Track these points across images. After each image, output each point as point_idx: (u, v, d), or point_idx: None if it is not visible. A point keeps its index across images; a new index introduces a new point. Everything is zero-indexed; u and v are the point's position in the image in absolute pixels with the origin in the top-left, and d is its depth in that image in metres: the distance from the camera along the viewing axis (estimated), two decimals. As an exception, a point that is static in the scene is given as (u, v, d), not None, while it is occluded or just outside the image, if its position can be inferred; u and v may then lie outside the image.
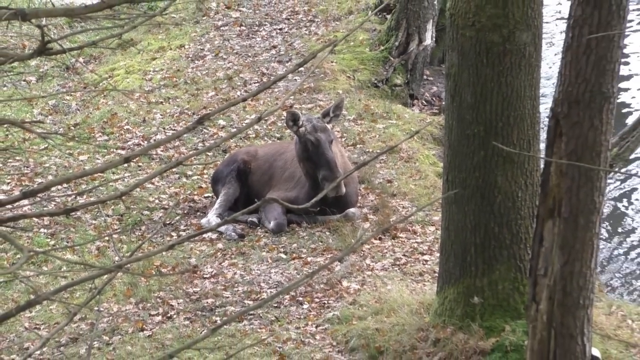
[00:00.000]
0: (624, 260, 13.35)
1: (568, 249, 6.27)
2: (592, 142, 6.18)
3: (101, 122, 14.61)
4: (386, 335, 9.65)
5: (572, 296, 6.31)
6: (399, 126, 14.34)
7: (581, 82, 6.13)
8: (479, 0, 9.09)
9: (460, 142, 9.38)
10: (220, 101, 14.87)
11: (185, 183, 13.03)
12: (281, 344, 9.79)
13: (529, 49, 9.16)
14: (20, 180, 12.81)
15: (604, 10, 6.03)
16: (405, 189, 12.82)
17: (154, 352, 9.53)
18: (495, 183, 9.26)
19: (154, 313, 10.53)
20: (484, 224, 9.31)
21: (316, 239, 11.85)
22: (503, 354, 9.11)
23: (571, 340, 6.35)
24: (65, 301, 9.15)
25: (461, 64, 9.31)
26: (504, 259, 9.32)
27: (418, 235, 11.84)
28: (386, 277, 10.91)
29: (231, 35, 17.46)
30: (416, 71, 15.79)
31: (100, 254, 11.39)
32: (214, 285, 10.95)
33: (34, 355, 9.58)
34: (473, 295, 9.38)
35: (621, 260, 13.34)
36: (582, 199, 6.25)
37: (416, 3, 15.56)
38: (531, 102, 9.19)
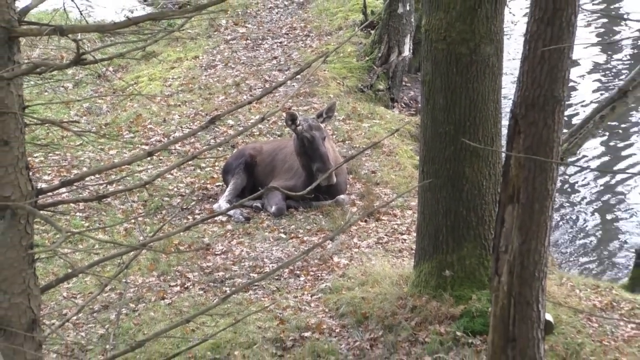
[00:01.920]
0: (573, 239, 13.36)
1: (525, 230, 6.27)
2: (546, 138, 6.18)
3: (128, 122, 14.58)
4: (371, 303, 9.65)
5: (529, 270, 6.31)
6: (382, 125, 14.31)
7: (536, 87, 6.13)
8: (449, 18, 9.08)
9: (433, 139, 9.37)
10: (229, 104, 14.84)
11: (199, 174, 13.01)
12: (281, 311, 9.79)
13: (492, 59, 9.15)
14: (59, 171, 12.78)
15: (556, 27, 6.03)
16: (387, 178, 12.81)
17: (173, 318, 9.53)
18: (463, 173, 9.25)
19: (173, 284, 10.53)
20: (454, 208, 9.30)
21: (311, 221, 11.85)
22: (470, 319, 9.11)
23: (528, 307, 6.35)
24: (97, 274, 9.13)
25: (434, 72, 9.30)
26: (471, 238, 9.31)
27: (398, 218, 11.84)
28: (371, 254, 10.91)
29: (238, 48, 17.42)
30: (396, 78, 15.76)
31: (127, 234, 11.38)
32: (223, 260, 10.95)
33: (71, 320, 9.58)
34: (444, 269, 9.37)
35: (570, 239, 13.34)
36: (537, 187, 6.25)
37: (396, 20, 15.54)
38: (494, 105, 9.18)
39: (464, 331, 9.09)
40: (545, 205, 6.30)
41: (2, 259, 4.07)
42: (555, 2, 6.01)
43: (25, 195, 4.14)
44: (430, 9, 9.37)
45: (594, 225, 13.62)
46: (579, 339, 9.05)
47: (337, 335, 9.44)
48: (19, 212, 4.10)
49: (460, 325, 9.13)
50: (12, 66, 4.04)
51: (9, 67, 4.01)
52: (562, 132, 6.54)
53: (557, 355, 8.78)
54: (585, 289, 10.10)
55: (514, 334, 6.36)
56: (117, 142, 13.64)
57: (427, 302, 9.38)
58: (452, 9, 9.09)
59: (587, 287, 10.22)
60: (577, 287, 10.11)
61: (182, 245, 11.12)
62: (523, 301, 6.33)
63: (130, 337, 9.26)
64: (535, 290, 6.35)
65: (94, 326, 9.75)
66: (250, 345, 9.22)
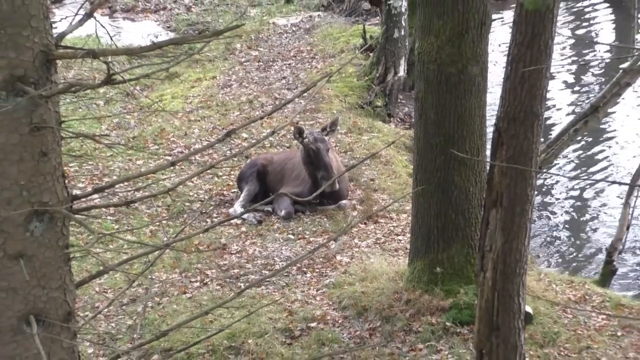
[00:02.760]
0: (550, 239, 13.35)
1: (507, 231, 6.27)
2: (526, 149, 6.17)
3: (153, 135, 14.60)
4: (370, 297, 9.64)
5: (511, 267, 6.30)
6: (380, 138, 14.32)
7: (517, 104, 6.12)
8: (439, 42, 9.07)
9: (425, 150, 9.37)
10: (243, 119, 14.86)
11: (217, 181, 13.02)
12: (290, 304, 9.78)
13: (478, 79, 9.15)
14: (92, 179, 12.80)
15: (535, 50, 6.02)
16: (384, 185, 12.81)
17: (194, 310, 9.52)
18: (452, 181, 9.25)
19: (193, 280, 10.52)
20: (444, 212, 9.30)
21: (316, 223, 11.85)
22: (459, 311, 9.10)
23: (510, 300, 6.34)
24: (126, 271, 9.13)
25: (426, 90, 9.29)
26: (459, 238, 9.31)
27: (394, 221, 11.83)
28: (370, 253, 10.91)
29: (251, 69, 17.44)
30: (392, 96, 15.77)
31: (153, 235, 11.39)
32: (238, 259, 10.95)
33: (102, 312, 9.58)
34: (435, 266, 9.37)
35: (548, 239, 13.33)
36: (518, 193, 6.24)
37: (392, 44, 15.55)
38: (479, 119, 9.18)
39: (453, 322, 9.08)
40: (525, 208, 6.29)
41: (41, 258, 4.08)
42: (534, 28, 6.00)
43: (62, 201, 4.15)
44: (422, 34, 9.37)
45: (569, 227, 13.62)
46: (556, 328, 9.05)
47: (340, 325, 9.43)
48: (56, 216, 4.11)
49: (450, 317, 9.13)
50: (50, 85, 4.04)
51: (47, 86, 4.02)
52: (540, 144, 6.53)
53: (536, 343, 8.77)
54: (560, 284, 10.10)
55: (498, 324, 6.35)
56: (144, 153, 13.65)
57: (420, 295, 9.38)
58: (442, 34, 9.09)
59: (563, 282, 10.22)
60: (554, 282, 10.11)
61: (201, 245, 11.12)
62: (506, 294, 6.32)
63: (155, 328, 9.26)
64: (517, 285, 6.34)
65: (122, 317, 9.76)
66: (263, 335, 9.22)
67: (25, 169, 4.01)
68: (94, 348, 9.17)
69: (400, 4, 15.33)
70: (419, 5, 9.83)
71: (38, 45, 3.97)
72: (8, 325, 4.06)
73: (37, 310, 4.08)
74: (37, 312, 4.09)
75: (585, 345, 8.84)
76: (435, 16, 9.18)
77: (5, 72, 3.89)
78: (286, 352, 8.99)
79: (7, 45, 3.88)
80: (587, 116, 12.13)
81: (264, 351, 9.02)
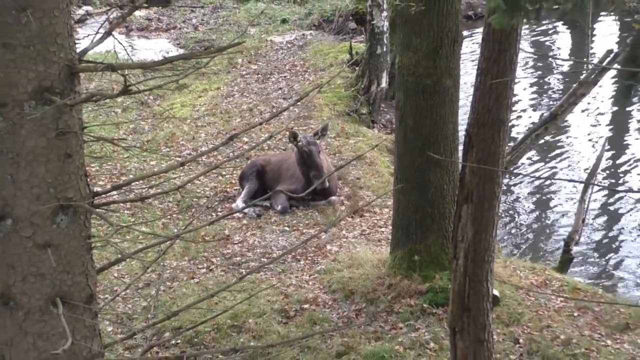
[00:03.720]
0: (515, 230, 13.36)
1: (477, 224, 6.27)
2: (493, 152, 6.18)
3: (164, 139, 14.58)
4: (356, 282, 9.64)
5: (480, 255, 6.31)
6: (364, 141, 14.31)
7: (486, 112, 6.12)
8: (417, 57, 9.08)
9: (405, 152, 9.37)
10: (244, 125, 14.83)
11: (221, 180, 13.00)
12: (286, 288, 9.78)
13: (451, 90, 9.16)
14: (110, 178, 12.78)
15: (501, 65, 6.03)
16: (368, 183, 12.81)
17: (201, 293, 9.51)
18: (429, 179, 9.25)
19: (200, 267, 10.51)
20: (422, 207, 9.30)
21: (309, 217, 11.84)
22: (434, 294, 9.11)
23: (479, 284, 6.34)
24: (141, 259, 9.12)
25: (406, 100, 9.29)
26: (434, 230, 9.31)
27: (377, 215, 11.83)
28: (356, 243, 10.90)
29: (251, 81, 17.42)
30: (375, 104, 15.76)
31: (165, 227, 11.37)
32: (240, 248, 10.94)
33: (120, 295, 9.57)
34: (414, 254, 9.37)
35: (513, 230, 13.34)
36: (486, 190, 6.24)
37: (375, 59, 15.54)
38: (452, 125, 9.19)
39: (429, 303, 9.09)
40: (493, 204, 6.30)
41: (66, 247, 4.08)
42: (501, 45, 6.01)
43: (84, 197, 4.15)
44: (402, 50, 9.38)
45: (532, 220, 13.63)
46: (520, 309, 9.06)
47: (330, 307, 9.43)
48: (79, 210, 4.11)
49: (427, 299, 9.13)
50: (74, 95, 4.05)
51: (71, 96, 4.02)
52: (506, 147, 6.54)
53: (502, 322, 8.79)
54: (524, 270, 10.11)
55: (469, 305, 6.35)
56: (156, 155, 13.64)
57: (401, 280, 9.39)
58: (419, 50, 9.10)
59: (526, 268, 10.23)
60: (518, 268, 10.12)
61: (207, 236, 11.11)
62: (475, 280, 6.33)
63: (166, 309, 9.25)
64: (485, 271, 6.35)
65: (138, 300, 9.75)
66: (261, 315, 9.22)
67: (52, 168, 4.01)
68: (112, 327, 9.16)
69: (382, 24, 15.31)
70: (399, 25, 9.84)
71: (63, 60, 3.97)
72: (37, 306, 4.06)
73: (62, 293, 4.09)
74: (63, 294, 4.09)
75: (546, 324, 8.86)
76: (413, 35, 9.19)
77: (35, 83, 3.89)
78: (282, 330, 8.99)
79: (36, 59, 3.88)
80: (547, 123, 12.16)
81: (262, 329, 9.02)
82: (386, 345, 8.60)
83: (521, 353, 8.52)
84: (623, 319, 8.99)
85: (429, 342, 8.65)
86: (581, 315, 9.09)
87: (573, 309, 9.17)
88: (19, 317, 4.08)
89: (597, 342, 8.66)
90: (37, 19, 3.85)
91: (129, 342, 8.53)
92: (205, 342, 8.89)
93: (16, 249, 4.04)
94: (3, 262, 4.07)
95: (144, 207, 11.87)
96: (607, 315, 9.07)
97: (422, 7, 8.90)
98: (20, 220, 4.01)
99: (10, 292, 4.07)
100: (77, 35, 4.31)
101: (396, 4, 9.90)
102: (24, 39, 3.86)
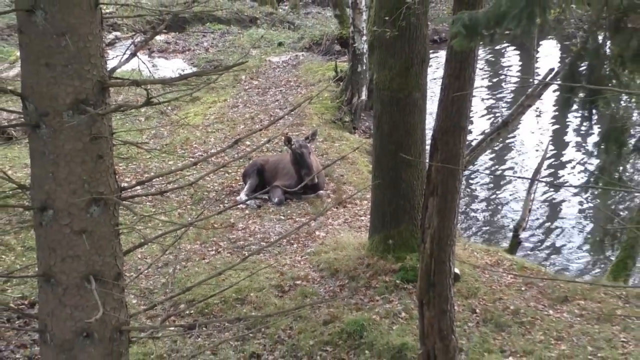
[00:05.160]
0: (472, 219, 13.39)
1: (441, 214, 6.28)
2: (455, 153, 6.19)
3: (180, 143, 14.55)
4: (340, 262, 9.64)
5: (443, 239, 6.32)
6: (347, 144, 14.30)
7: (449, 120, 6.13)
8: (391, 75, 9.09)
9: (381, 154, 9.38)
10: (247, 131, 14.79)
11: (227, 177, 12.98)
12: (281, 267, 9.77)
13: (420, 102, 9.16)
14: (135, 175, 12.75)
15: (461, 81, 6.04)
16: (350, 180, 12.80)
17: (210, 271, 9.50)
18: (401, 177, 9.26)
19: (210, 250, 10.50)
20: (395, 200, 9.30)
21: (301, 208, 11.83)
22: (405, 272, 9.12)
23: (443, 264, 6.36)
24: (160, 243, 9.12)
25: (382, 110, 9.30)
26: (406, 219, 9.32)
27: (358, 206, 11.83)
28: (340, 229, 10.90)
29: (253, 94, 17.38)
30: (357, 114, 15.76)
31: (180, 216, 11.35)
32: (243, 234, 10.93)
33: (143, 273, 9.56)
34: (388, 239, 9.38)
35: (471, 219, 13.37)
36: (449, 186, 6.25)
37: (356, 76, 15.54)
38: (421, 132, 9.19)
39: (401, 280, 9.10)
40: (454, 197, 6.31)
41: (98, 233, 4.08)
42: (461, 64, 6.02)
43: (113, 191, 4.15)
44: (379, 68, 9.38)
45: (486, 210, 13.66)
46: (476, 285, 9.08)
47: (318, 282, 9.43)
48: (109, 202, 4.11)
49: (399, 276, 9.14)
50: (105, 106, 4.05)
51: (103, 107, 4.02)
52: (465, 149, 6.56)
53: (462, 295, 8.80)
54: (480, 252, 10.13)
55: (434, 282, 6.36)
56: (173, 156, 13.61)
57: (377, 261, 9.39)
58: (393, 68, 9.11)
59: (482, 251, 10.25)
60: (475, 251, 10.14)
61: (216, 223, 11.10)
62: (440, 260, 6.34)
63: (182, 284, 9.25)
64: (448, 253, 6.36)
65: (158, 277, 9.73)
66: (261, 289, 9.21)
67: (87, 168, 4.01)
68: (137, 299, 9.15)
69: (362, 47, 15.31)
70: (376, 48, 9.85)
71: (96, 76, 3.97)
72: (74, 282, 4.06)
73: (95, 272, 4.08)
74: (95, 273, 4.09)
75: (498, 297, 8.88)
76: (388, 56, 9.19)
77: (72, 96, 3.89)
78: (278, 302, 8.99)
79: (73, 76, 3.88)
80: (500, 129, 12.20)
81: (262, 302, 9.02)
82: (365, 314, 8.61)
83: (477, 321, 8.55)
84: (562, 293, 9.03)
85: (400, 312, 8.66)
86: (527, 289, 9.12)
87: (521, 284, 9.20)
88: (59, 292, 4.08)
89: (540, 312, 8.69)
90: (74, 43, 3.84)
91: (150, 313, 8.52)
92: (214, 312, 8.89)
93: (56, 235, 4.04)
94: (45, 246, 4.07)
95: (163, 199, 11.86)
96: (549, 290, 9.10)
97: (396, 32, 8.91)
98: (59, 210, 4.01)
99: (51, 271, 4.07)
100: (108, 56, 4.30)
101: (374, 30, 9.92)
102: (63, 59, 3.86)
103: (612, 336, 8.27)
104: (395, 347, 8.17)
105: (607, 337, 8.25)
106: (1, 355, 8.59)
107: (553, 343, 8.18)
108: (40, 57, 3.86)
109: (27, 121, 3.99)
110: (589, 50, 4.76)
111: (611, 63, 4.67)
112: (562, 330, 8.36)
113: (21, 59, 3.99)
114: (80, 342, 4.10)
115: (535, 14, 4.36)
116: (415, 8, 8.81)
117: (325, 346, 8.39)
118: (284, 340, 8.52)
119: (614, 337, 8.26)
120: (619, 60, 4.65)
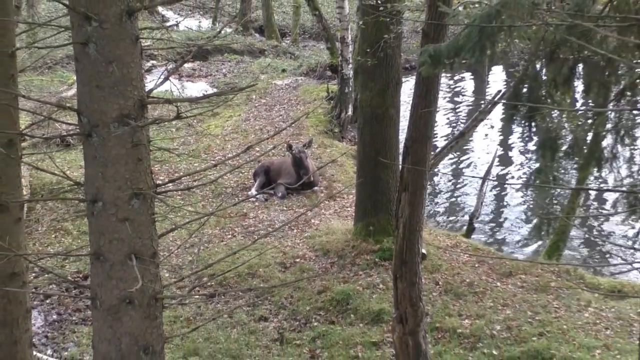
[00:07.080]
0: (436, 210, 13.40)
1: (412, 205, 6.29)
2: (422, 157, 6.20)
3: (204, 149, 14.51)
4: (331, 244, 9.66)
5: (413, 226, 6.33)
6: (337, 150, 14.26)
7: (417, 131, 6.15)
8: (372, 95, 9.13)
9: (364, 158, 9.40)
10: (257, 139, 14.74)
11: (241, 176, 12.97)
12: (284, 248, 9.79)
13: (394, 117, 9.20)
14: (167, 174, 12.73)
15: (427, 100, 6.06)
16: (339, 178, 12.80)
17: (227, 251, 9.51)
18: (379, 176, 9.29)
19: (227, 234, 10.50)
20: (375, 195, 9.34)
21: (299, 201, 11.83)
22: (383, 252, 9.14)
23: (413, 246, 6.37)
24: (187, 228, 9.12)
25: (364, 124, 9.32)
26: (384, 211, 9.35)
27: (345, 199, 11.83)
28: (331, 218, 10.91)
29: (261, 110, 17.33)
30: (344, 126, 15.73)
31: (203, 207, 11.34)
32: (254, 221, 10.92)
33: (173, 253, 9.55)
34: (370, 226, 9.41)
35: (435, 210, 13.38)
36: (418, 183, 6.27)
37: (344, 96, 15.53)
38: (395, 141, 9.23)
39: (380, 258, 9.13)
40: (422, 192, 6.33)
41: (138, 221, 4.07)
42: (427, 86, 6.04)
43: (150, 187, 4.14)
44: (362, 90, 9.42)
45: (447, 203, 13.66)
46: (440, 262, 9.11)
47: (313, 260, 9.44)
48: (147, 196, 4.10)
49: (378, 256, 9.17)
50: (143, 120, 4.04)
51: (142, 120, 4.01)
52: (430, 155, 6.57)
53: (428, 270, 8.83)
54: (442, 236, 10.16)
55: (406, 260, 6.37)
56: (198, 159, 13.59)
57: (361, 243, 9.42)
58: (373, 90, 9.14)
59: (444, 235, 10.28)
60: (438, 235, 10.17)
61: (232, 213, 11.10)
62: (410, 243, 6.35)
63: (204, 262, 9.24)
64: (417, 236, 6.37)
65: (186, 256, 9.73)
66: (268, 266, 9.22)
67: (129, 169, 4.00)
68: (169, 274, 9.14)
69: (349, 72, 15.30)
70: (359, 73, 9.88)
71: (137, 96, 3.96)
72: (119, 260, 4.06)
73: (135, 251, 4.08)
74: (136, 252, 4.08)
75: (457, 272, 8.90)
76: (369, 80, 9.22)
77: (117, 112, 3.88)
78: (282, 276, 9.01)
79: (118, 96, 3.87)
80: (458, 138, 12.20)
81: (268, 275, 9.03)
82: (351, 286, 8.63)
83: (440, 291, 8.57)
84: (508, 269, 9.05)
85: (379, 284, 8.68)
86: (480, 266, 9.14)
87: (475, 262, 9.22)
88: (107, 267, 4.08)
89: (490, 284, 8.72)
90: (119, 69, 3.84)
91: (179, 284, 8.52)
92: (230, 284, 8.90)
93: (104, 222, 4.04)
94: (96, 231, 4.07)
95: (189, 194, 11.84)
96: (497, 266, 9.13)
97: (375, 61, 8.95)
98: (107, 202, 4.01)
99: (101, 250, 4.06)
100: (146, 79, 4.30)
101: (358, 59, 9.93)
102: (110, 82, 3.86)
103: (547, 303, 8.31)
104: (375, 311, 8.19)
105: (543, 304, 8.29)
106: (62, 317, 8.59)
107: (500, 309, 8.21)
108: (92, 81, 3.86)
109: (82, 131, 3.99)
110: (529, 75, 4.78)
111: (547, 86, 4.70)
112: (507, 298, 8.39)
113: (77, 82, 4.00)
114: (123, 307, 4.10)
115: (486, 47, 4.38)
116: (391, 42, 8.84)
117: (319, 311, 8.41)
118: (286, 306, 8.53)
119: (549, 304, 8.30)
120: (552, 83, 4.68)
